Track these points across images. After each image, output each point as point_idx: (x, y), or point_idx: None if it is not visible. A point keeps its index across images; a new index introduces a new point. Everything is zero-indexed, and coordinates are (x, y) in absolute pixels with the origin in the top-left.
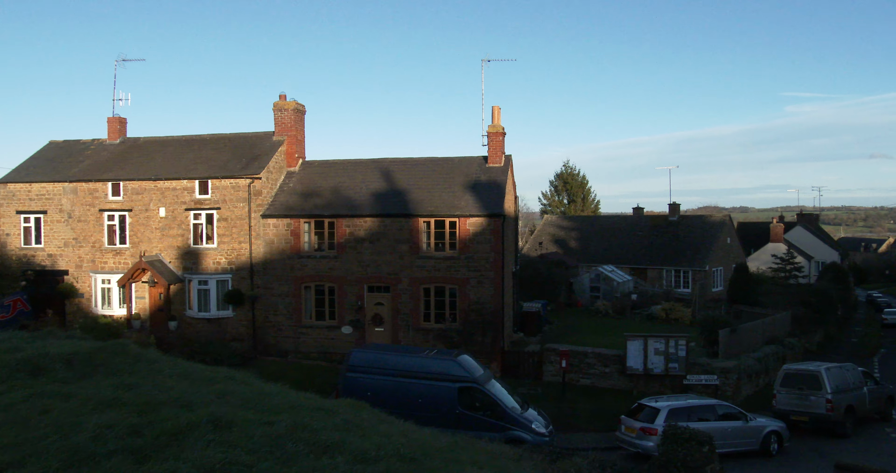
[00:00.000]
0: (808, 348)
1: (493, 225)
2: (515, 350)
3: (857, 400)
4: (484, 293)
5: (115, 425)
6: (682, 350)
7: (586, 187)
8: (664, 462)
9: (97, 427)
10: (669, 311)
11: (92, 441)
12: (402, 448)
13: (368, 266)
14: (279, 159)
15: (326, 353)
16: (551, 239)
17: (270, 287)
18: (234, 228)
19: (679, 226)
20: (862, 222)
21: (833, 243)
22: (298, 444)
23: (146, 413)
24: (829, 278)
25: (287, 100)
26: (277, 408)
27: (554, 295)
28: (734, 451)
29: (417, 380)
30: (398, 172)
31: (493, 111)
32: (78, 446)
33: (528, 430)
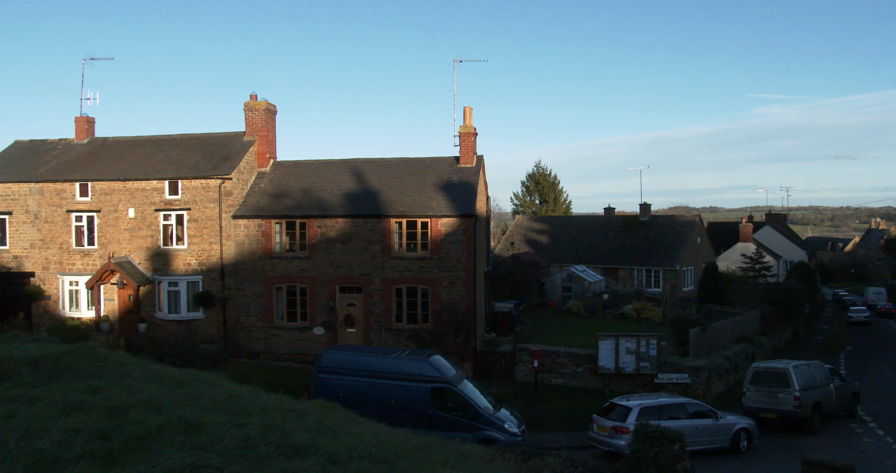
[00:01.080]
0: (777, 346)
1: (464, 225)
2: (488, 350)
3: (824, 397)
4: (456, 294)
5: (81, 429)
6: (654, 349)
7: (558, 188)
8: (635, 461)
9: (63, 432)
10: (640, 310)
11: (58, 445)
12: (374, 449)
13: (340, 267)
14: (250, 160)
15: (298, 354)
16: (523, 239)
17: (241, 288)
18: (204, 229)
19: (650, 226)
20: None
21: (801, 243)
22: (269, 446)
23: (114, 417)
24: (796, 277)
25: (258, 100)
26: (248, 410)
27: (526, 295)
28: (705, 449)
29: (390, 381)
30: (370, 173)
31: (465, 112)
32: (43, 451)
33: (501, 430)
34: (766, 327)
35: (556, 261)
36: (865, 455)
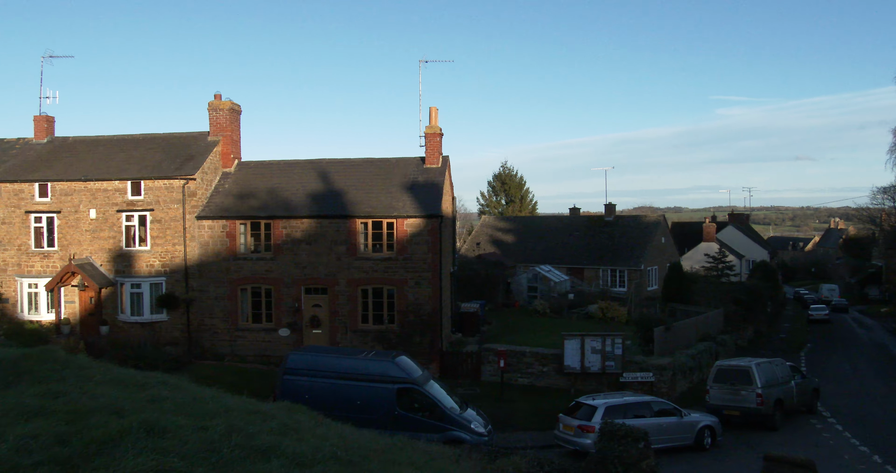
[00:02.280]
0: (740, 344)
1: (430, 226)
2: (454, 351)
3: (785, 394)
4: (422, 294)
5: (40, 435)
6: (619, 349)
7: (524, 188)
8: (601, 459)
9: (20, 438)
10: (606, 310)
11: (14, 452)
12: (340, 450)
13: (306, 268)
14: (214, 160)
15: (264, 356)
16: (489, 240)
17: (206, 290)
18: (167, 230)
19: (615, 226)
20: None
21: (763, 242)
22: (234, 449)
23: (74, 422)
24: (758, 276)
25: (222, 99)
26: (212, 413)
27: (492, 295)
28: (669, 446)
29: (356, 382)
30: (335, 173)
31: (431, 112)
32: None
33: (467, 430)
34: (729, 325)
35: (522, 261)
36: (825, 449)
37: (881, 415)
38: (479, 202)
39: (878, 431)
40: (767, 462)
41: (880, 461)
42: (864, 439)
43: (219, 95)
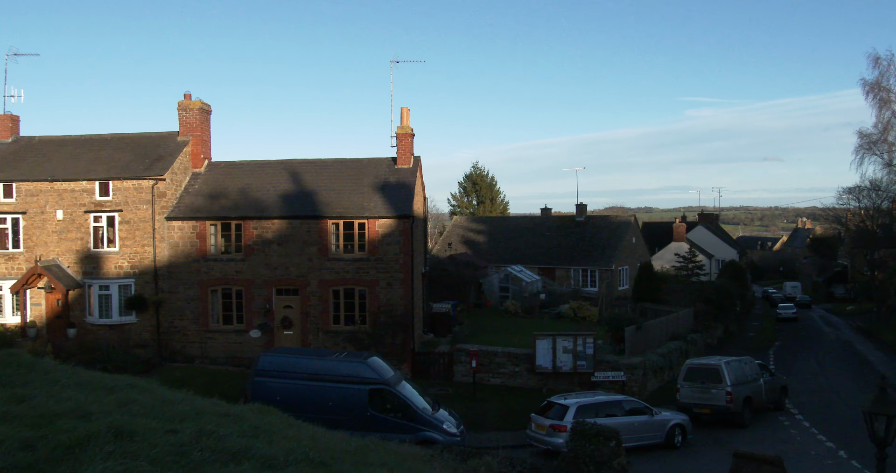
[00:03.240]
0: (710, 343)
1: (402, 226)
2: (426, 351)
3: (754, 392)
4: (394, 295)
5: (4, 440)
6: (590, 348)
7: (495, 188)
8: (573, 458)
9: None
10: (577, 310)
11: None
12: (312, 452)
13: (277, 269)
14: (184, 160)
15: (235, 357)
16: (461, 240)
17: (176, 291)
18: (137, 231)
19: (586, 226)
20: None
21: (732, 242)
22: (204, 452)
23: (40, 426)
24: (728, 275)
25: (192, 99)
26: (182, 415)
27: (464, 296)
28: (641, 445)
29: (327, 383)
30: (306, 174)
31: (402, 112)
32: None
33: (440, 431)
34: (699, 324)
35: (494, 261)
36: (793, 445)
37: (846, 411)
38: (450, 203)
39: (844, 427)
40: (736, 459)
41: (846, 456)
42: (831, 434)
43: (188, 94)
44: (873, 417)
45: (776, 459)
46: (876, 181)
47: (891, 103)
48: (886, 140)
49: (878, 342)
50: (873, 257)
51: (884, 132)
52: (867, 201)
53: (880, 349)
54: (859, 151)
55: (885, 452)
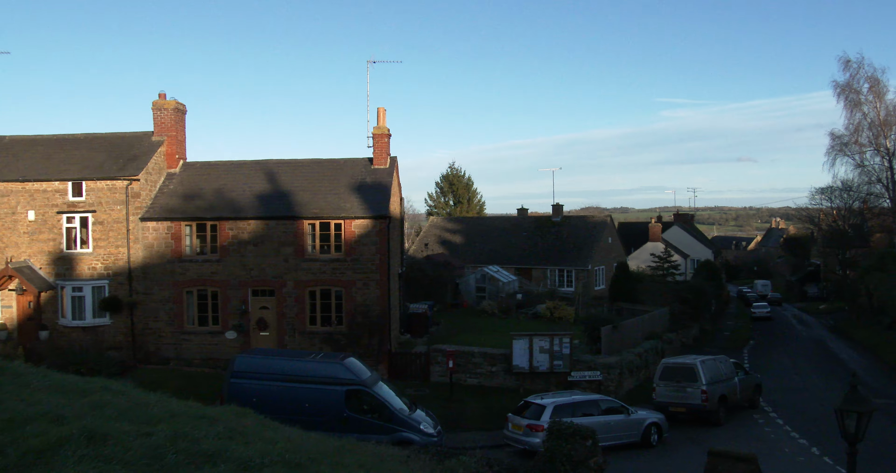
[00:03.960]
0: (685, 342)
1: (378, 227)
2: (403, 352)
3: (729, 390)
4: (370, 296)
5: None
6: (567, 348)
7: (472, 189)
8: (549, 458)
9: None
10: (554, 310)
11: None
12: (288, 453)
13: (253, 270)
14: (159, 160)
15: (210, 359)
16: (437, 240)
17: (150, 293)
18: (110, 231)
19: (562, 226)
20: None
21: (707, 242)
22: (178, 455)
23: (11, 430)
24: (703, 275)
25: (167, 99)
26: (156, 418)
27: (440, 296)
28: (617, 444)
29: (304, 384)
30: (283, 174)
31: (379, 113)
32: None
33: (417, 431)
34: (674, 324)
35: (470, 262)
36: (766, 443)
37: (819, 409)
38: (427, 203)
39: (816, 424)
40: (711, 457)
41: (818, 453)
42: (804, 432)
43: (163, 94)
44: (845, 414)
45: (750, 456)
46: (847, 182)
47: (861, 105)
48: (857, 141)
49: (850, 340)
50: (845, 256)
51: (855, 134)
52: (839, 202)
53: (852, 348)
54: (831, 153)
55: (857, 448)
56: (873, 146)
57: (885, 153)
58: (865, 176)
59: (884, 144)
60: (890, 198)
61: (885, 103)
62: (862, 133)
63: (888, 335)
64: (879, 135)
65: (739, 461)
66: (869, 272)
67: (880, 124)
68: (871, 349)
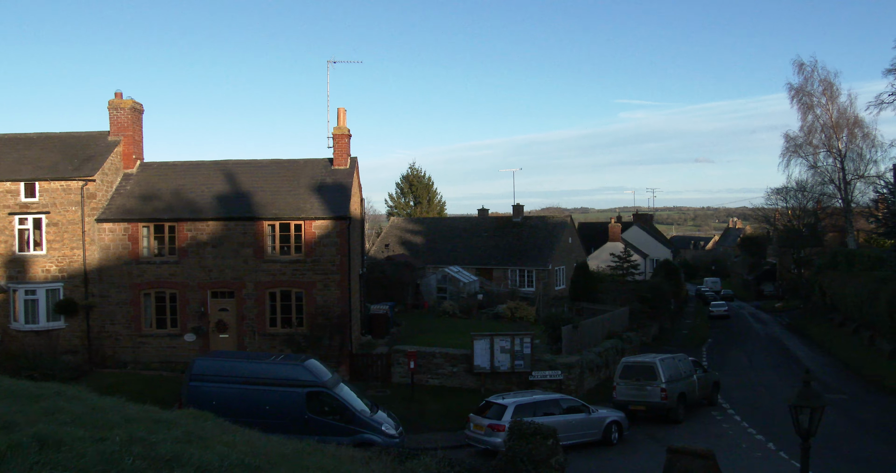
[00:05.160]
0: (645, 341)
1: (339, 228)
2: (364, 353)
3: (688, 388)
4: (331, 297)
5: None
6: (528, 348)
7: (432, 189)
8: (511, 457)
9: None
10: (515, 310)
11: None
12: (247, 457)
13: (212, 271)
14: (115, 161)
15: (169, 362)
16: (398, 241)
17: (107, 295)
18: (65, 233)
19: (523, 227)
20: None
21: (666, 242)
22: (135, 460)
23: None
24: (662, 274)
25: (123, 98)
26: (112, 423)
27: (401, 297)
28: (578, 442)
29: (264, 387)
30: (242, 175)
31: (339, 113)
32: None
33: (378, 432)
34: (634, 323)
35: (431, 262)
36: (725, 439)
37: (775, 405)
38: (387, 204)
39: (773, 420)
40: (670, 454)
41: (774, 448)
42: (760, 427)
43: (119, 93)
44: (798, 410)
45: (708, 452)
46: (802, 182)
47: (814, 108)
48: (811, 143)
49: (805, 337)
50: (799, 255)
51: (808, 135)
52: (794, 202)
53: (806, 345)
54: (786, 154)
55: (809, 443)
56: (826, 148)
57: (836, 155)
58: (819, 177)
59: (836, 146)
60: (842, 198)
61: (836, 106)
62: (815, 135)
63: (840, 332)
64: (832, 137)
65: (698, 457)
66: (822, 271)
67: (832, 126)
68: (825, 345)
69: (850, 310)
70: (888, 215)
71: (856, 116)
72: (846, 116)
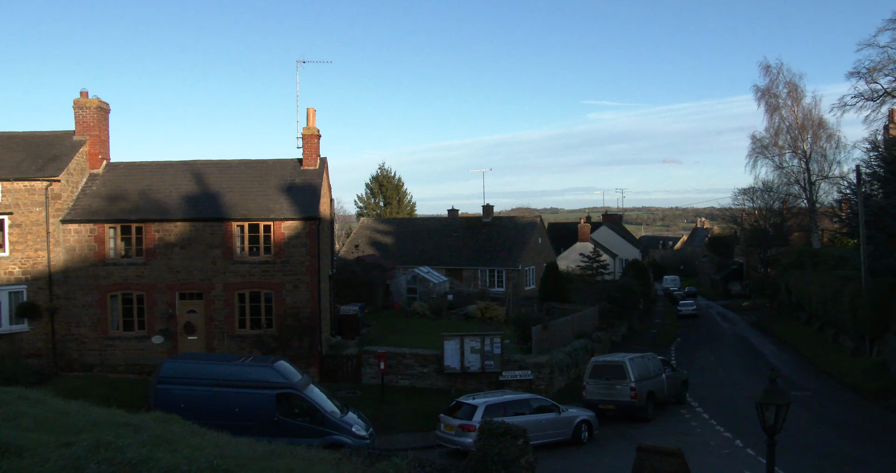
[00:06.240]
0: (614, 340)
1: (308, 228)
2: (334, 354)
3: (657, 387)
4: (300, 298)
5: None
6: (498, 348)
7: (402, 190)
8: (481, 457)
9: None
10: (485, 310)
11: None
12: (216, 460)
13: (180, 272)
14: (81, 161)
15: (137, 365)
16: (368, 242)
17: (72, 298)
18: (29, 234)
19: (493, 227)
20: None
21: (635, 242)
22: (101, 465)
23: None
24: (631, 274)
25: (89, 97)
26: (78, 427)
27: (371, 298)
28: (549, 442)
29: (233, 389)
30: (210, 175)
31: (308, 113)
32: None
33: (348, 434)
34: (603, 322)
35: (401, 263)
36: (693, 437)
37: (742, 402)
38: (357, 204)
39: (740, 417)
40: (640, 453)
41: (742, 445)
42: (728, 425)
43: (85, 92)
44: (764, 407)
45: (677, 451)
46: (768, 183)
47: (780, 109)
48: (777, 144)
49: (771, 335)
50: (766, 255)
51: (774, 137)
52: (760, 202)
53: (773, 343)
54: (753, 155)
55: (775, 439)
56: (791, 149)
57: (802, 156)
58: (785, 177)
59: (801, 147)
60: (807, 198)
61: (802, 108)
62: (781, 136)
63: (806, 330)
64: (797, 138)
65: (667, 455)
66: (788, 270)
67: (798, 128)
68: (791, 343)
69: (815, 308)
70: (851, 215)
71: (820, 118)
72: (811, 117)
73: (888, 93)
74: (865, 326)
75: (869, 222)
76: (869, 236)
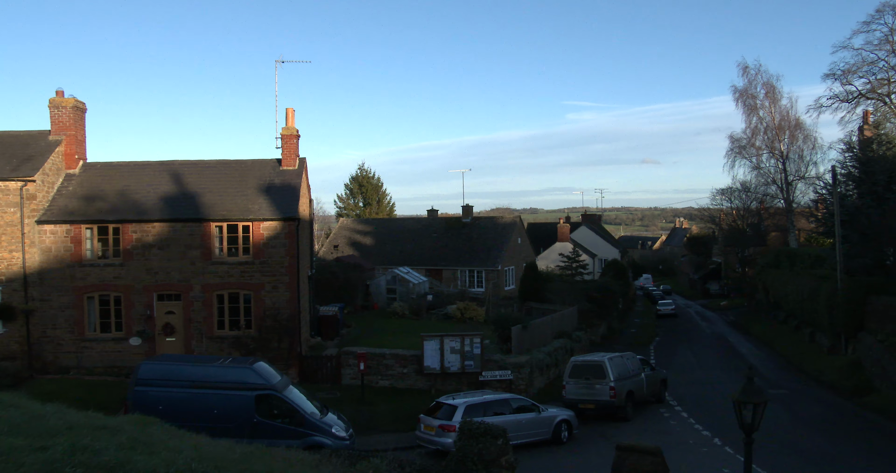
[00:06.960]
0: (594, 340)
1: (287, 229)
2: (313, 355)
3: (636, 386)
4: (279, 299)
5: None
6: (477, 348)
7: (381, 190)
8: (461, 457)
9: None
10: (464, 310)
11: None
12: (194, 462)
13: (158, 273)
14: (56, 161)
15: (114, 367)
16: (347, 242)
17: (48, 299)
18: (3, 235)
19: (472, 227)
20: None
21: (614, 242)
22: (77, 468)
23: None
24: (610, 274)
25: (65, 96)
26: (54, 431)
27: (351, 298)
28: (529, 441)
29: (212, 390)
30: (189, 175)
31: (287, 113)
32: None
33: (328, 435)
34: (583, 322)
35: (381, 263)
36: (672, 435)
37: (720, 401)
38: (336, 205)
39: (718, 416)
40: (619, 452)
41: (720, 443)
42: (707, 424)
43: (61, 91)
44: (742, 405)
45: (656, 449)
46: (746, 183)
47: (758, 110)
48: (755, 144)
49: (749, 334)
50: (744, 254)
51: (752, 137)
52: (738, 202)
53: (750, 341)
54: (731, 155)
55: (752, 438)
56: (769, 149)
57: (779, 156)
58: (762, 177)
59: (778, 148)
60: (784, 198)
61: (779, 108)
62: (759, 137)
63: (783, 329)
64: (774, 139)
65: (646, 454)
66: (765, 270)
67: (775, 128)
68: (768, 342)
69: (792, 307)
70: (827, 215)
71: (797, 119)
72: (788, 118)
73: (862, 95)
74: (841, 324)
75: (844, 221)
76: (844, 235)
